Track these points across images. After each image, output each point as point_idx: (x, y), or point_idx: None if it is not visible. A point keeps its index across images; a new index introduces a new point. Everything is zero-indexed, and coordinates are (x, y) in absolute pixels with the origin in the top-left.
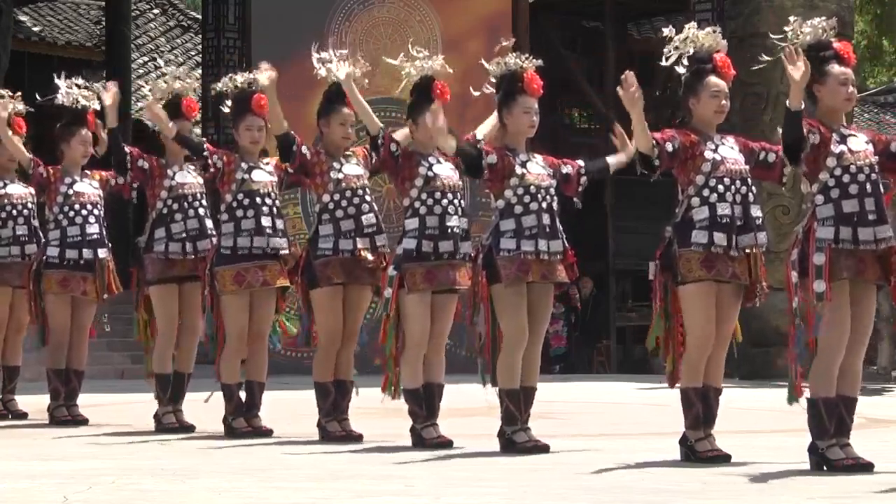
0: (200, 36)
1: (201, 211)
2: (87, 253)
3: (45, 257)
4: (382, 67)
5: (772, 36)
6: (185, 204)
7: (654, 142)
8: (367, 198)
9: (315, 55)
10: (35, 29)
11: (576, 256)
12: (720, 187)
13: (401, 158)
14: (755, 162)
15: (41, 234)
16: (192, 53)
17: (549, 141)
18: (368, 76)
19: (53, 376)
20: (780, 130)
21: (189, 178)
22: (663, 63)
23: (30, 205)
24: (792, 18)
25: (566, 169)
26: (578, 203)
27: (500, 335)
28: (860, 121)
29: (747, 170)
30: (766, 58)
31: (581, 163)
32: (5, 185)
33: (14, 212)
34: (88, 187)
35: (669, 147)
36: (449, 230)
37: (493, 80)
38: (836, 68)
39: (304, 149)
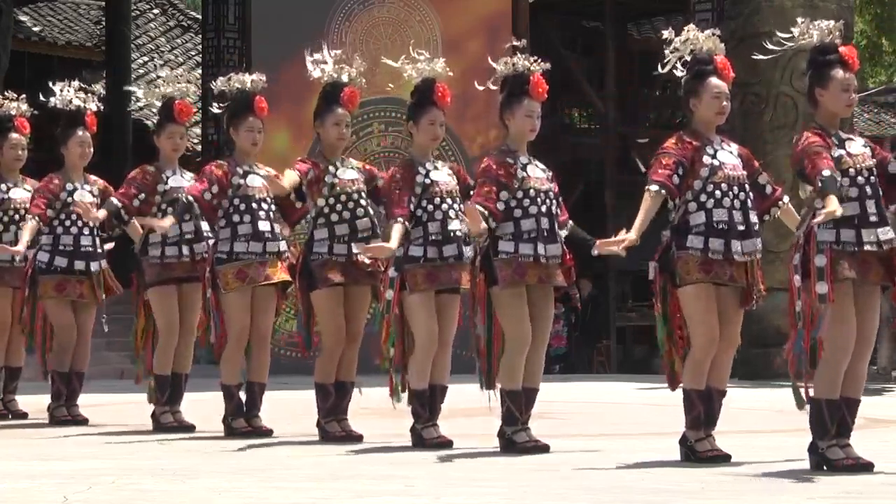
0: (200, 36)
1: (197, 213)
2: (78, 264)
3: (36, 262)
4: (382, 68)
5: (779, 33)
6: None
7: (660, 186)
8: (363, 202)
9: (309, 57)
10: (35, 29)
11: (574, 259)
12: (717, 193)
13: (398, 175)
14: (756, 185)
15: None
16: (192, 53)
17: (549, 141)
18: (368, 76)
19: (58, 378)
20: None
21: (183, 181)
22: (661, 70)
23: None
24: (800, 20)
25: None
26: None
27: (496, 337)
28: (860, 121)
29: (745, 175)
30: (760, 56)
31: (569, 224)
32: (8, 188)
33: (17, 216)
34: (88, 195)
35: (676, 179)
36: (452, 234)
37: (497, 76)
38: (839, 73)
39: (309, 175)
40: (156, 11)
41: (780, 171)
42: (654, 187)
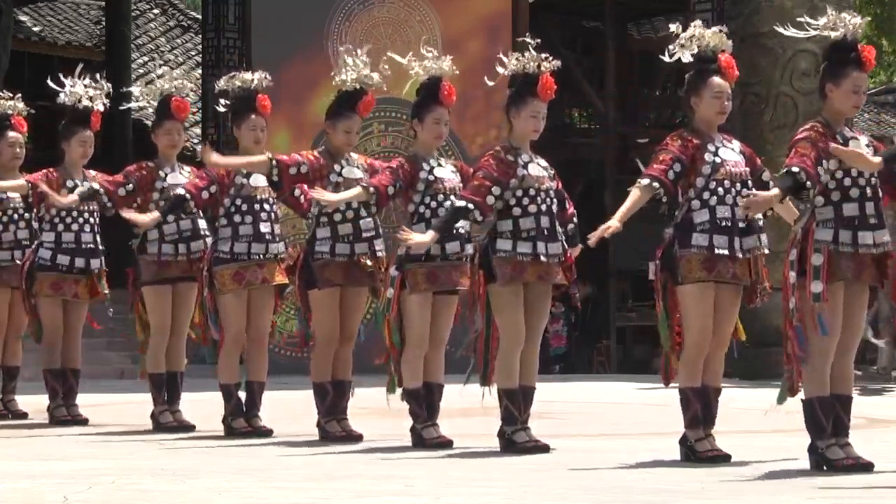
0: (200, 36)
1: (193, 212)
2: (79, 261)
3: (36, 259)
4: (382, 66)
5: (807, 17)
6: None
7: (653, 180)
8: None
9: (346, 57)
10: (35, 29)
11: (574, 258)
12: (720, 190)
13: (402, 170)
14: (758, 179)
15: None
16: (192, 53)
17: (549, 141)
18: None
19: (50, 377)
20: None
21: (181, 179)
22: (665, 59)
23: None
24: (830, 11)
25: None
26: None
27: (494, 334)
28: (860, 121)
29: (748, 172)
30: (784, 30)
31: (574, 219)
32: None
33: (15, 215)
34: None
35: (672, 175)
36: (455, 231)
37: (507, 72)
38: (853, 73)
39: (292, 170)
40: (156, 11)
41: (780, 171)
42: (644, 181)
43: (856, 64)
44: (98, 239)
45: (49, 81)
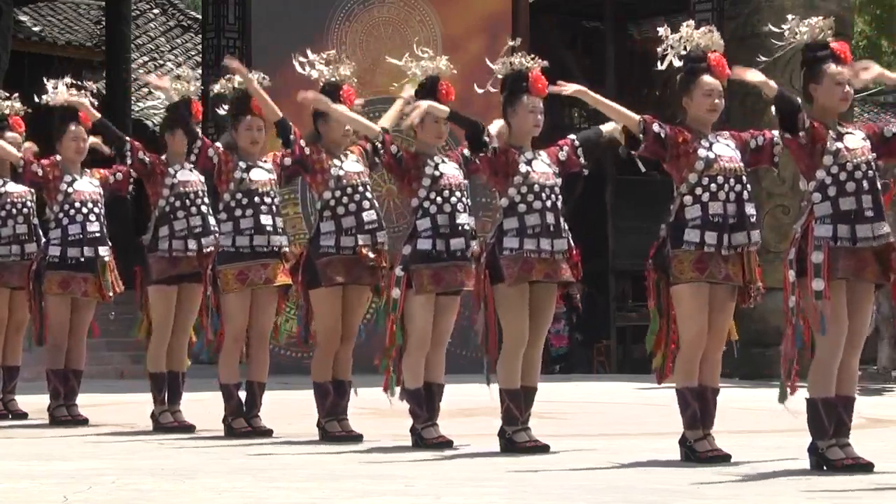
0: (200, 36)
1: (203, 208)
2: (87, 251)
3: (46, 257)
4: (384, 67)
5: (771, 30)
6: (188, 202)
7: (642, 120)
8: (368, 194)
9: (296, 62)
10: (35, 29)
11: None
12: (713, 186)
13: (404, 160)
14: (749, 151)
15: (40, 233)
16: (192, 53)
17: (548, 141)
18: (367, 76)
19: (53, 376)
20: (773, 110)
21: (191, 175)
22: (661, 67)
23: (29, 203)
24: (790, 17)
25: (563, 154)
26: (586, 171)
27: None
28: (860, 121)
29: (742, 167)
30: (762, 58)
31: (572, 137)
32: (4, 182)
33: (14, 210)
34: (88, 185)
35: (656, 128)
36: (460, 227)
37: (498, 77)
38: (832, 68)
39: (301, 142)
40: (156, 11)
41: (780, 171)
42: (636, 117)
43: (832, 59)
44: (104, 230)
45: (44, 81)
